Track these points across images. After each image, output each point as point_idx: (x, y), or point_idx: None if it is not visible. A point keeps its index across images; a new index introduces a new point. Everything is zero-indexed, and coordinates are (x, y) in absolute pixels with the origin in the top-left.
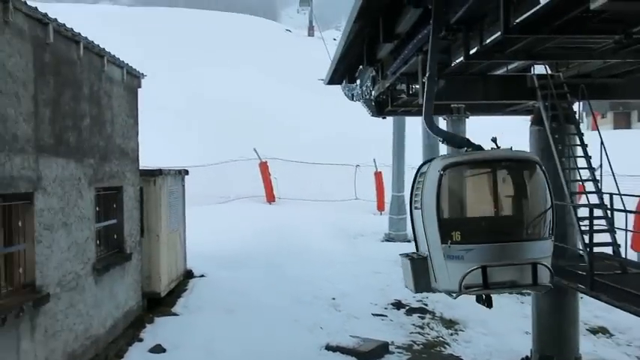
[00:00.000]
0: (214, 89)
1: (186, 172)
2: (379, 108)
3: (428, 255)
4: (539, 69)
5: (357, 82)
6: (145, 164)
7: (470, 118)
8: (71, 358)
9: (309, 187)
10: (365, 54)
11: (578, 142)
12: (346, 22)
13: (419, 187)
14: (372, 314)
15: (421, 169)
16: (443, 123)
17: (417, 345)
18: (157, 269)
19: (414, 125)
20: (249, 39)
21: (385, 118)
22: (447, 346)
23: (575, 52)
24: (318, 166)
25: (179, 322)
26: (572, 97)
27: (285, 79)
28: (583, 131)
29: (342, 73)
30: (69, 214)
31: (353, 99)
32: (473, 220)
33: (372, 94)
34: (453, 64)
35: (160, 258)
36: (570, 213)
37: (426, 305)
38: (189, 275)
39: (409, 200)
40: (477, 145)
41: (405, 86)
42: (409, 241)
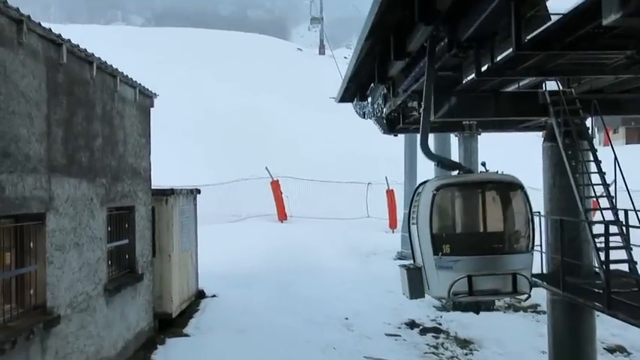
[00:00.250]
0: (225, 108)
1: (198, 192)
2: (391, 126)
3: (422, 265)
4: (551, 85)
5: (369, 99)
6: (157, 183)
7: (482, 134)
8: None
9: (320, 205)
10: (376, 72)
11: (591, 158)
12: (357, 40)
13: (415, 205)
14: (386, 334)
15: (418, 189)
16: (455, 140)
17: None
18: (168, 289)
19: None
20: (260, 58)
21: (397, 135)
22: None
23: (588, 67)
24: (329, 184)
25: (190, 343)
26: (584, 113)
27: (297, 97)
28: (595, 147)
29: (354, 91)
30: (81, 234)
31: (364, 117)
32: (461, 235)
33: (383, 111)
34: (464, 81)
35: (172, 278)
36: (585, 230)
37: (440, 325)
38: (200, 295)
39: (407, 217)
40: (467, 169)
41: (417, 104)
42: None
